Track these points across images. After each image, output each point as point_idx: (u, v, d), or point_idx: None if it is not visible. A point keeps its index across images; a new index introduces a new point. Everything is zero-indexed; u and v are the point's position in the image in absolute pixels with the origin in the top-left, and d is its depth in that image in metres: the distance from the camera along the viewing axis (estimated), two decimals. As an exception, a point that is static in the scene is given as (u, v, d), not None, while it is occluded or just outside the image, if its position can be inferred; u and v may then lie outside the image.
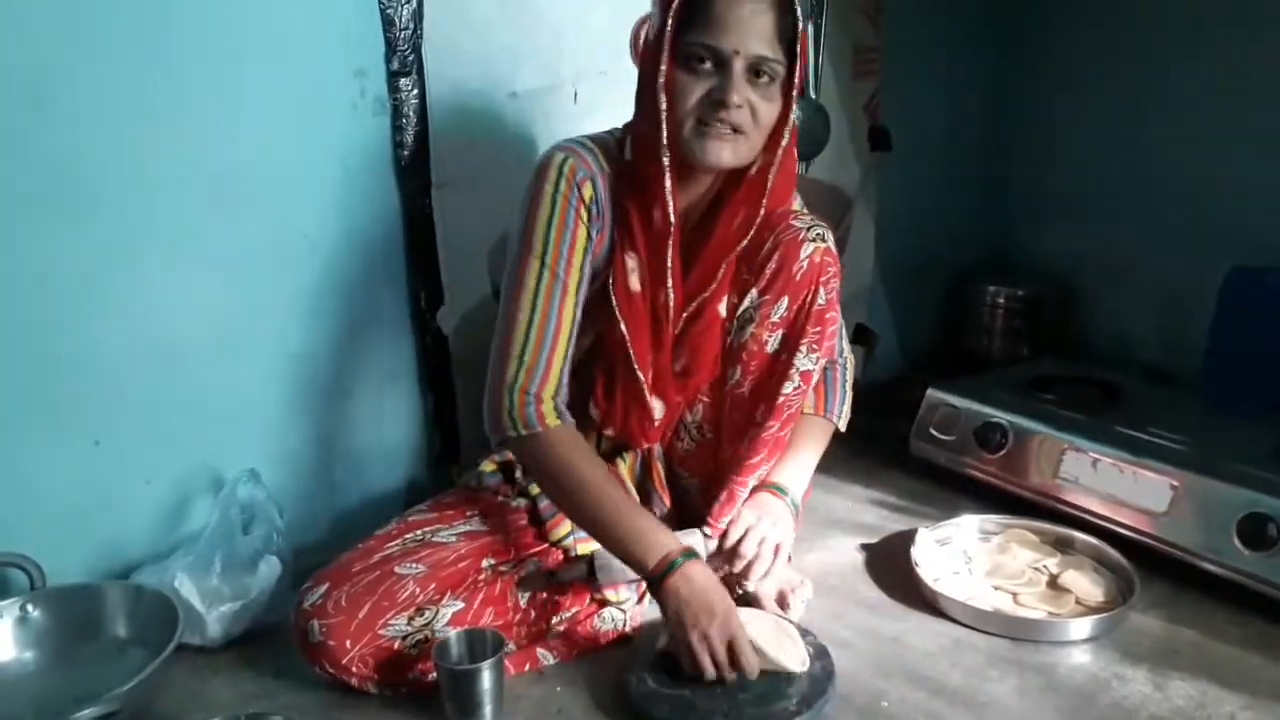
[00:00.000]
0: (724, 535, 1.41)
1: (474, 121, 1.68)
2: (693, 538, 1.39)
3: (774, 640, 1.30)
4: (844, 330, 1.55)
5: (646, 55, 1.29)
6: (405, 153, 1.63)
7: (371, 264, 1.66)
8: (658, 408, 1.44)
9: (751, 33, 1.22)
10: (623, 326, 1.37)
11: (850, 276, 2.26)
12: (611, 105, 1.52)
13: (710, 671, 1.23)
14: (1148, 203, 2.23)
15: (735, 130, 1.27)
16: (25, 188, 1.34)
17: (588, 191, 1.33)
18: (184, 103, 1.43)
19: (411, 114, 1.62)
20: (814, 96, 2.04)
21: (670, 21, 1.23)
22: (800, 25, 1.26)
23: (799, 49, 1.27)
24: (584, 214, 1.33)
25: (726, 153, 1.28)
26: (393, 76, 1.59)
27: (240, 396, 1.58)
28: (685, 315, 1.42)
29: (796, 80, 1.29)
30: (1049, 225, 2.45)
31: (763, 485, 1.47)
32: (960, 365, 2.33)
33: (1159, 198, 2.21)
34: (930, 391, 1.96)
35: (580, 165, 1.33)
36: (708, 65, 1.24)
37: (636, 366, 1.38)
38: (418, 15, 1.59)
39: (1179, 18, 2.10)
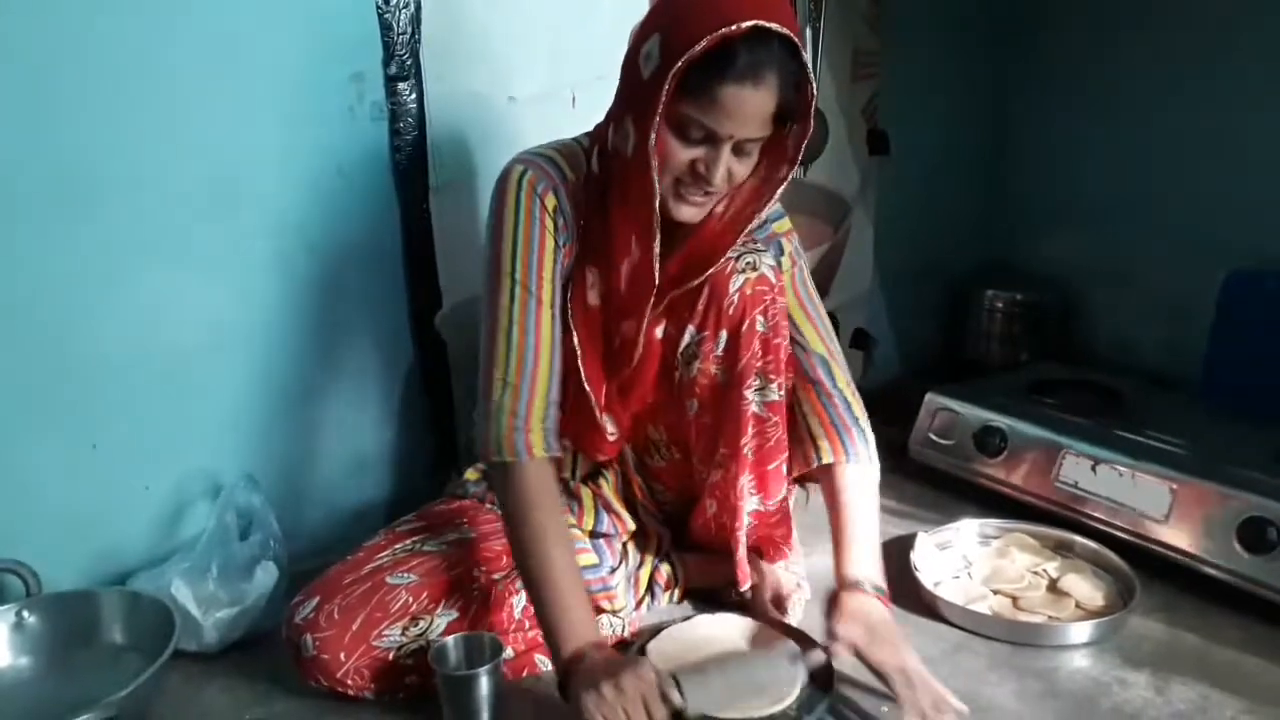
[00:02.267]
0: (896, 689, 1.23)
1: (472, 126, 1.68)
2: (787, 660, 1.29)
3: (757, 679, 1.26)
4: (838, 347, 1.45)
5: (635, 92, 1.20)
6: (403, 157, 1.63)
7: (369, 269, 1.66)
8: (609, 424, 1.41)
9: (751, 121, 1.17)
10: (575, 340, 1.33)
11: (849, 281, 2.28)
12: (609, 110, 1.52)
13: None
14: (1147, 207, 2.23)
15: (710, 196, 1.25)
16: (24, 192, 1.34)
17: (550, 201, 1.29)
18: (181, 107, 1.43)
19: (409, 119, 1.62)
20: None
21: (670, 84, 1.13)
22: (811, 95, 1.18)
23: (804, 120, 1.21)
24: (549, 224, 1.29)
25: (698, 214, 1.26)
26: (390, 81, 1.59)
27: (238, 401, 1.58)
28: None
29: (804, 140, 1.22)
30: (1048, 229, 2.45)
31: (843, 585, 1.31)
32: (959, 370, 2.32)
33: (1159, 202, 2.20)
34: (929, 396, 1.96)
35: (540, 176, 1.29)
36: (698, 137, 1.18)
37: (587, 384, 1.34)
38: (416, 20, 1.59)
39: (1180, 25, 2.10)
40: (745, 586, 1.43)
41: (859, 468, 1.38)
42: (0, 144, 1.31)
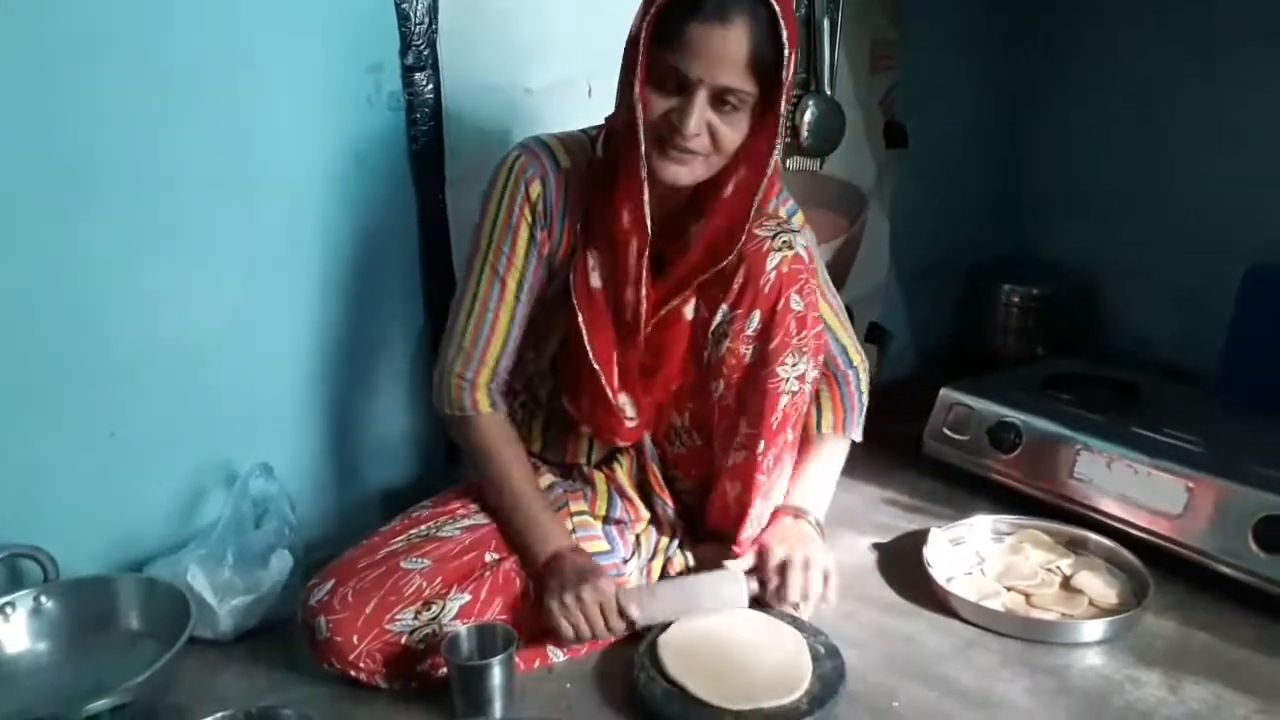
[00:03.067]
0: (760, 578, 1.40)
1: (489, 117, 1.68)
2: (731, 579, 1.40)
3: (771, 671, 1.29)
4: (854, 336, 1.53)
5: (625, 56, 1.27)
6: (420, 148, 1.63)
7: (385, 259, 1.66)
8: (627, 406, 1.43)
9: (722, 63, 1.19)
10: (580, 322, 1.37)
11: (865, 274, 2.27)
12: (626, 101, 1.51)
13: (570, 635, 1.29)
14: (1165, 201, 2.21)
15: (692, 153, 1.26)
16: (41, 182, 1.34)
17: (534, 190, 1.35)
18: (198, 98, 1.43)
19: (426, 109, 1.62)
20: (829, 92, 2.03)
21: (645, 32, 1.21)
22: (786, 52, 1.20)
23: (784, 75, 1.22)
24: (528, 213, 1.36)
25: (683, 173, 1.28)
26: (407, 72, 1.59)
27: (253, 391, 1.58)
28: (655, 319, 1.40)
29: (783, 103, 1.25)
30: (1065, 223, 2.43)
31: (783, 509, 1.47)
32: (975, 364, 2.31)
33: (1177, 196, 2.19)
34: (944, 391, 1.95)
35: (531, 163, 1.36)
36: (672, 86, 1.22)
37: (595, 363, 1.37)
38: (433, 10, 1.59)
39: (1200, 15, 2.08)
40: (740, 561, 1.44)
41: (843, 441, 1.53)
42: (18, 135, 1.31)
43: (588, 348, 1.36)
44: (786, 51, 1.20)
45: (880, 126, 2.19)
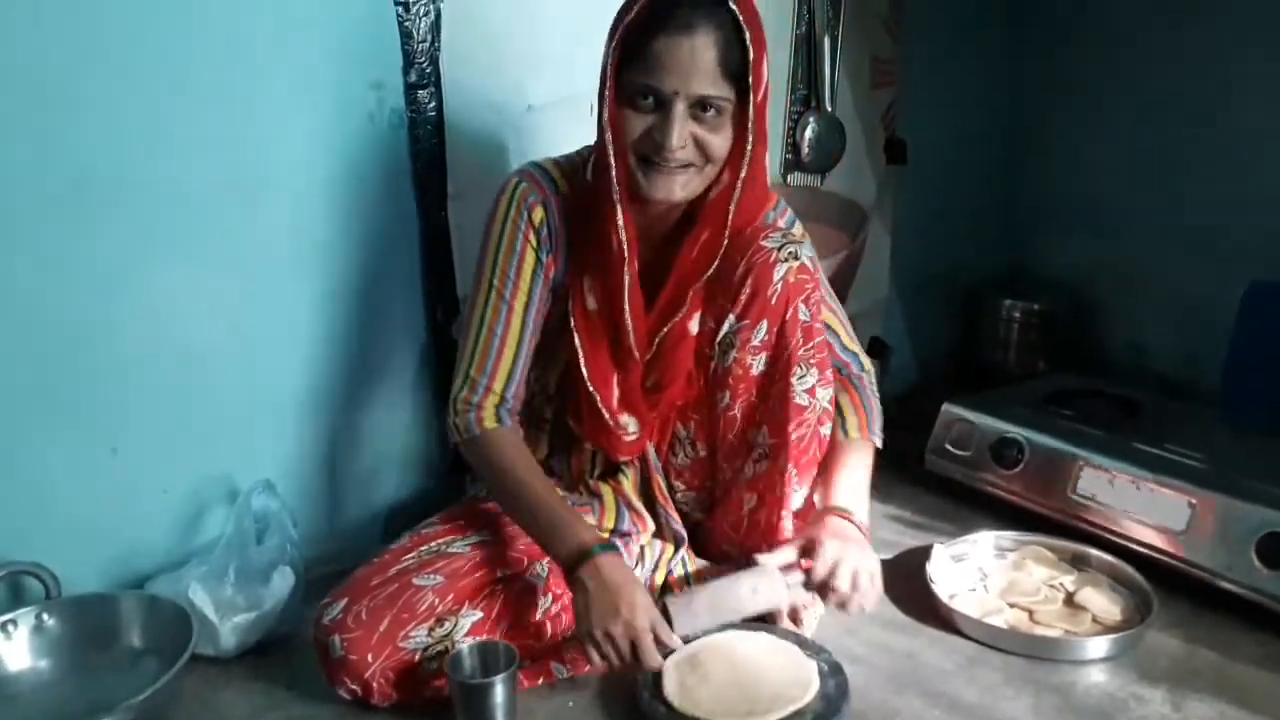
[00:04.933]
0: (809, 570, 1.36)
1: (491, 133, 1.69)
2: (766, 576, 1.36)
3: (778, 679, 1.29)
4: (859, 343, 1.55)
5: (599, 86, 1.29)
6: (422, 164, 1.64)
7: (388, 275, 1.66)
8: (629, 424, 1.44)
9: (693, 73, 1.21)
10: (578, 341, 1.38)
11: (866, 290, 2.27)
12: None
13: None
14: (1166, 215, 2.21)
15: (683, 166, 1.27)
16: (43, 194, 1.35)
17: (538, 215, 1.37)
18: (201, 110, 1.44)
19: (428, 126, 1.62)
20: (829, 109, 2.04)
21: (612, 58, 1.24)
22: (751, 55, 1.23)
23: (753, 79, 1.24)
24: (533, 238, 1.37)
25: (676, 188, 1.29)
26: (410, 89, 1.60)
27: (255, 406, 1.58)
28: (657, 337, 1.42)
29: (754, 105, 1.26)
30: (1066, 238, 2.44)
31: (829, 510, 1.42)
32: (976, 379, 2.31)
33: (1178, 210, 2.19)
34: (946, 406, 1.95)
35: (532, 189, 1.37)
36: (649, 102, 1.24)
37: (592, 385, 1.39)
38: (435, 28, 1.59)
39: (1198, 29, 2.09)
40: (773, 556, 1.40)
41: (869, 446, 1.50)
42: (22, 145, 1.32)
43: (584, 371, 1.39)
44: (753, 54, 1.23)
45: (881, 142, 2.20)
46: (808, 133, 2.03)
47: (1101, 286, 2.37)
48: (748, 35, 1.22)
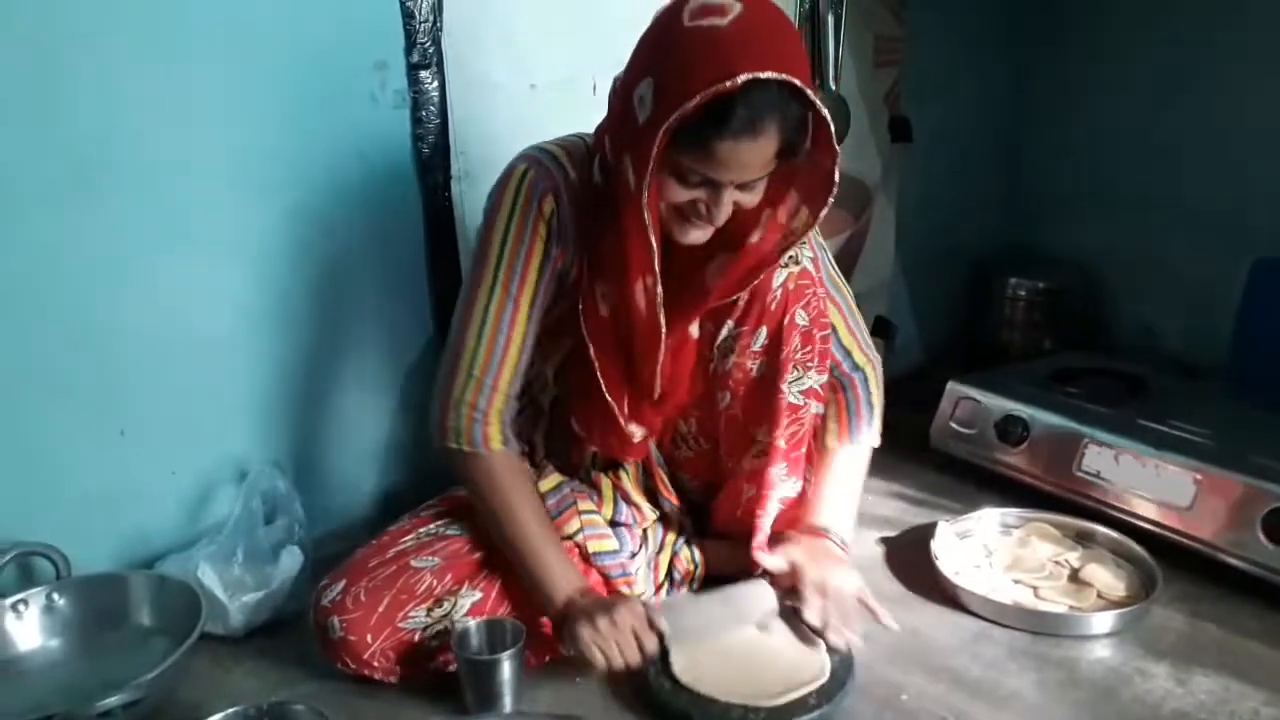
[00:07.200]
0: (796, 604, 1.34)
1: (494, 114, 1.68)
2: (764, 588, 1.38)
3: (790, 658, 1.30)
4: (866, 335, 1.50)
5: (630, 137, 1.17)
6: (425, 145, 1.64)
7: (392, 256, 1.67)
8: (637, 432, 1.42)
9: (750, 168, 1.15)
10: (593, 353, 1.34)
11: (870, 269, 2.27)
12: (631, 97, 1.51)
13: (601, 662, 1.21)
14: (1173, 194, 2.21)
15: (713, 223, 1.23)
16: (46, 178, 1.34)
17: (548, 206, 1.29)
18: (204, 93, 1.44)
19: (431, 107, 1.62)
20: (834, 87, 2.03)
21: (660, 140, 1.11)
22: (823, 119, 1.14)
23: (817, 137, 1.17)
24: (542, 230, 1.29)
25: (703, 237, 1.24)
26: (413, 69, 1.60)
27: (261, 387, 1.59)
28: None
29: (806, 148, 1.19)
30: (1072, 216, 2.43)
31: (809, 530, 1.42)
32: (981, 358, 2.32)
33: (1184, 188, 2.19)
34: (951, 384, 1.95)
35: (542, 178, 1.29)
36: (697, 181, 1.17)
37: (608, 395, 1.35)
38: (437, 8, 1.59)
39: (1206, 7, 2.08)
40: (759, 572, 1.43)
41: (858, 448, 1.47)
42: (22, 130, 1.32)
43: (600, 379, 1.35)
44: (812, 128, 1.16)
45: (885, 121, 2.19)
46: (812, 111, 2.02)
47: (1107, 264, 2.37)
48: (811, 117, 1.15)
